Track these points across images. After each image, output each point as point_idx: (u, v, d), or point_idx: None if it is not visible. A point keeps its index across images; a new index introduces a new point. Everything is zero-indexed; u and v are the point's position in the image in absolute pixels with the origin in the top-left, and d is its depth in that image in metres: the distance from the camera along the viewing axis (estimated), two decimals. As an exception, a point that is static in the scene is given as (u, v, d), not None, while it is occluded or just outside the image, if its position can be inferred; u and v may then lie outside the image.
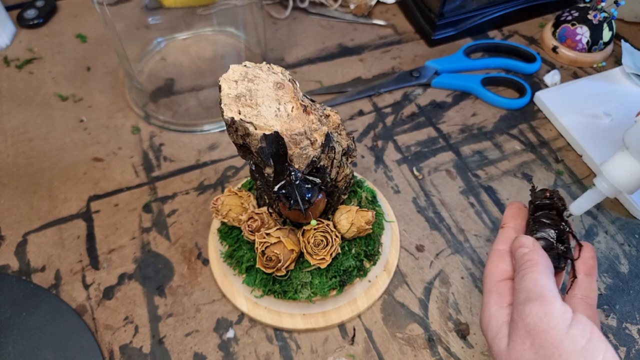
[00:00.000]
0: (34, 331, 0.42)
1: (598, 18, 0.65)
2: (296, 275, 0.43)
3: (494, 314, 0.33)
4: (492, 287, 0.35)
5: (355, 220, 0.42)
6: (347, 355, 0.43)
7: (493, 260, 0.37)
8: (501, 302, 0.34)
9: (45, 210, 0.52)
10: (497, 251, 0.38)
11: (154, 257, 0.48)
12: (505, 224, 0.40)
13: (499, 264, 0.36)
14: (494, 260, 0.37)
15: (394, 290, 0.46)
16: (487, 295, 0.35)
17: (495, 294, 0.35)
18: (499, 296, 0.34)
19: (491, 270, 0.36)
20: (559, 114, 0.60)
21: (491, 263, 0.37)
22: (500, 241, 0.38)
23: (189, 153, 0.57)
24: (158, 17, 0.64)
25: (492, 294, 0.35)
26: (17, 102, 0.62)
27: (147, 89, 0.62)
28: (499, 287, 0.35)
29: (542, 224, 0.38)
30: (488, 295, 0.35)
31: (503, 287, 0.35)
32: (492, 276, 0.36)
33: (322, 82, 0.65)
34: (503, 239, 0.38)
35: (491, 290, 0.35)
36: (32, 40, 0.70)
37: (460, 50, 0.67)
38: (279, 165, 0.35)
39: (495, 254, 0.37)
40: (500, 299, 0.34)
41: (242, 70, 0.35)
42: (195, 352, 0.43)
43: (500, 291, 0.35)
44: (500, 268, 0.36)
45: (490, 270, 0.36)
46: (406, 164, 0.56)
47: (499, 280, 0.35)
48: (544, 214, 0.39)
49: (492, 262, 0.37)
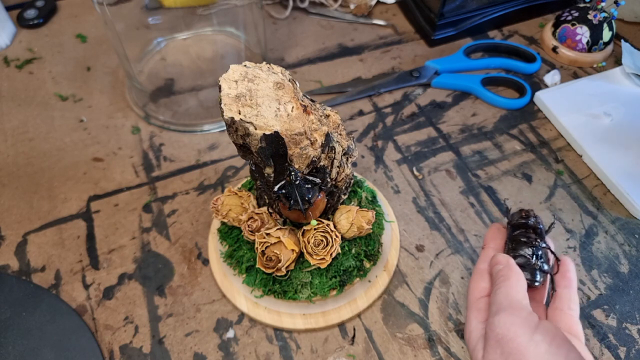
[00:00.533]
0: (34, 331, 0.42)
1: (598, 18, 0.65)
2: (296, 275, 0.43)
3: (473, 329, 0.36)
4: (472, 303, 0.38)
5: (355, 220, 0.42)
6: (347, 355, 0.43)
7: (474, 279, 0.40)
8: (479, 317, 0.37)
9: (45, 210, 0.52)
10: (478, 270, 0.40)
11: (154, 257, 0.48)
12: (486, 244, 0.43)
13: (479, 282, 0.39)
14: (475, 279, 0.40)
15: (394, 290, 0.46)
16: (469, 311, 0.38)
17: (474, 310, 0.37)
18: (477, 312, 0.37)
19: (472, 288, 0.39)
20: (559, 114, 0.60)
21: (472, 282, 0.40)
22: (481, 261, 0.41)
23: (189, 153, 0.57)
24: (158, 17, 0.64)
25: (472, 310, 0.38)
26: (17, 102, 0.62)
27: (147, 89, 0.62)
28: (478, 304, 0.38)
29: (519, 242, 0.41)
30: (469, 312, 0.38)
31: (481, 303, 0.38)
32: (474, 293, 0.39)
33: (322, 82, 0.65)
34: (483, 259, 0.41)
35: (471, 307, 0.38)
36: (32, 40, 0.70)
37: (460, 50, 0.67)
38: (279, 165, 0.35)
39: (477, 273, 0.40)
40: (479, 314, 0.37)
41: (242, 70, 0.35)
42: (195, 352, 0.43)
43: (479, 307, 0.37)
44: (480, 286, 0.39)
45: (472, 288, 0.39)
46: (406, 164, 0.56)
47: (479, 297, 0.38)
48: (520, 233, 0.41)
49: (474, 281, 0.40)
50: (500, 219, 0.52)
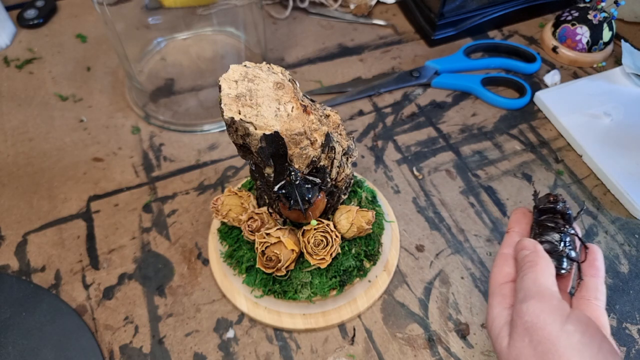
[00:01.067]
0: (34, 331, 0.42)
1: (598, 18, 0.65)
2: (296, 275, 0.43)
3: (496, 315, 0.35)
4: (495, 289, 0.36)
5: (355, 220, 0.42)
6: (347, 355, 0.43)
7: (497, 263, 0.38)
8: (504, 303, 0.35)
9: (45, 210, 0.52)
10: (501, 255, 0.39)
11: (154, 257, 0.48)
12: (510, 229, 0.41)
13: (503, 267, 0.38)
14: (498, 263, 0.38)
15: (394, 290, 0.46)
16: (491, 297, 0.36)
17: (498, 296, 0.36)
18: (502, 297, 0.36)
19: (495, 273, 0.38)
20: (559, 114, 0.60)
21: (496, 266, 0.38)
22: (505, 245, 0.39)
23: (189, 153, 0.57)
24: (158, 17, 0.64)
25: (495, 296, 0.36)
26: (17, 102, 0.62)
27: (147, 89, 0.62)
28: (502, 289, 0.36)
29: (545, 227, 0.39)
30: (492, 297, 0.36)
31: (506, 289, 0.36)
32: (496, 278, 0.37)
33: (322, 82, 0.65)
34: (508, 244, 0.39)
35: (495, 292, 0.36)
36: (32, 40, 0.70)
37: (460, 50, 0.67)
38: (279, 165, 0.35)
39: (500, 257, 0.39)
40: (503, 300, 0.35)
41: (242, 70, 0.35)
42: (195, 352, 0.43)
43: (504, 293, 0.36)
44: (504, 271, 0.37)
45: (495, 273, 0.38)
46: (406, 164, 0.56)
47: (503, 283, 0.37)
48: (547, 218, 0.40)
49: (497, 266, 0.38)
50: (500, 219, 0.52)
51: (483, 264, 0.48)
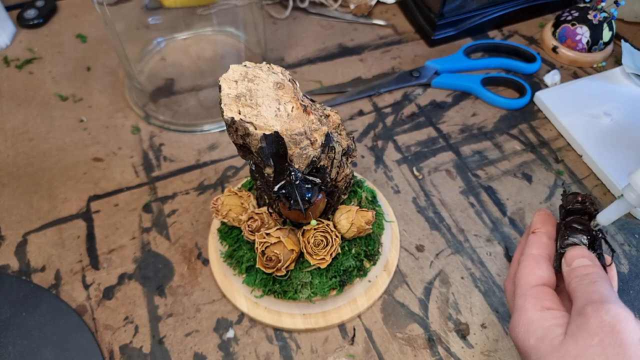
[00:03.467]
0: (34, 331, 0.42)
1: (598, 18, 0.65)
2: (296, 275, 0.43)
3: (534, 317, 0.33)
4: (527, 291, 0.35)
5: (355, 220, 0.42)
6: (347, 355, 0.43)
7: (527, 265, 0.37)
8: (540, 305, 0.34)
9: (45, 210, 0.52)
10: (531, 256, 0.37)
11: (154, 257, 0.48)
12: (537, 229, 0.39)
13: (535, 269, 0.36)
14: (528, 265, 0.37)
15: (394, 290, 0.46)
16: (522, 299, 0.35)
17: (532, 298, 0.34)
18: (536, 300, 0.34)
19: (526, 275, 0.36)
20: (559, 114, 0.60)
21: (525, 268, 0.36)
22: (534, 246, 0.38)
23: (189, 153, 0.57)
24: (158, 17, 0.64)
25: (528, 298, 0.34)
26: (17, 102, 0.62)
27: (147, 89, 0.62)
28: (536, 292, 0.35)
29: (573, 229, 0.37)
30: (523, 299, 0.35)
31: (539, 291, 0.35)
32: (527, 281, 0.36)
33: (322, 82, 0.65)
34: (537, 244, 0.38)
35: (526, 294, 0.35)
36: (32, 40, 0.70)
37: (460, 50, 0.67)
38: (279, 165, 0.35)
39: (530, 258, 0.37)
40: (538, 302, 0.34)
41: (242, 70, 0.35)
42: (195, 352, 0.43)
43: (537, 295, 0.34)
44: (535, 273, 0.36)
45: (525, 274, 0.36)
46: (406, 164, 0.56)
47: (535, 285, 0.35)
48: (575, 219, 0.38)
49: (527, 267, 0.36)
50: (500, 219, 0.52)
51: (483, 264, 0.48)
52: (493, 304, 0.46)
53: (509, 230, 0.51)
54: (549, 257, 0.37)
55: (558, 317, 0.32)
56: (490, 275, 0.47)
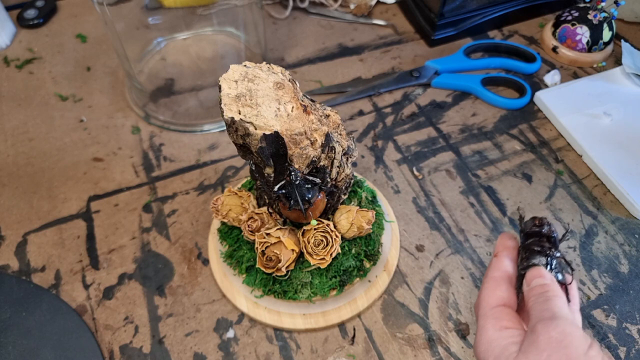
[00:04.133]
0: (34, 331, 0.42)
1: (598, 18, 0.65)
2: (296, 275, 0.43)
3: (493, 337, 0.35)
4: (487, 311, 0.37)
5: (355, 220, 0.42)
6: (347, 355, 0.43)
7: (488, 287, 0.38)
8: (499, 325, 0.35)
9: (45, 210, 0.52)
10: (492, 278, 0.39)
11: (154, 257, 0.48)
12: (498, 252, 0.41)
13: (495, 290, 0.38)
14: (489, 287, 0.38)
15: (394, 290, 0.46)
16: (483, 319, 0.36)
17: (492, 319, 0.36)
18: (495, 320, 0.36)
19: (487, 296, 0.38)
20: (559, 114, 0.60)
21: (486, 290, 0.38)
22: (495, 269, 0.39)
23: (189, 153, 0.57)
24: (158, 17, 0.64)
25: (488, 319, 0.36)
26: (17, 102, 0.62)
27: (147, 89, 0.62)
28: (495, 312, 0.36)
29: (532, 251, 0.39)
30: (484, 320, 0.36)
31: (499, 312, 0.36)
32: (489, 301, 0.37)
33: (322, 82, 0.65)
34: (497, 267, 0.40)
35: (487, 315, 0.36)
36: (32, 40, 0.70)
37: (460, 50, 0.67)
38: (279, 165, 0.35)
39: (491, 281, 0.39)
40: (498, 322, 0.36)
41: (242, 70, 0.35)
42: (195, 352, 0.43)
43: (497, 316, 0.36)
44: (496, 294, 0.38)
45: (487, 296, 0.38)
46: (406, 164, 0.56)
47: (495, 306, 0.37)
48: (534, 241, 0.40)
49: (488, 289, 0.38)
50: (500, 219, 0.52)
51: (483, 264, 0.48)
52: (493, 304, 0.45)
53: (509, 230, 0.51)
54: (510, 279, 0.38)
55: (515, 336, 0.34)
56: (490, 275, 0.47)
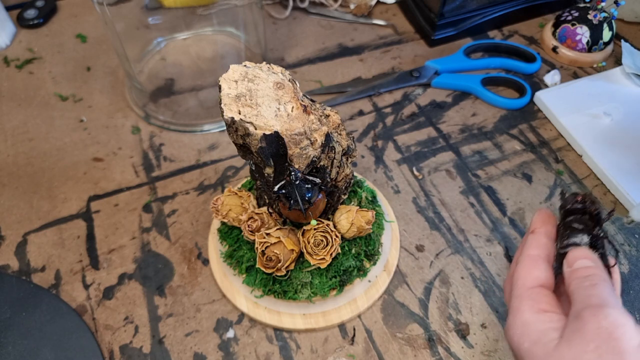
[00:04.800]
0: (34, 331, 0.42)
1: (598, 18, 0.65)
2: (296, 275, 0.43)
3: (530, 320, 0.32)
4: (523, 292, 0.34)
5: (355, 220, 0.42)
6: (347, 355, 0.43)
7: (525, 265, 0.35)
8: (536, 307, 0.33)
9: (45, 210, 0.52)
10: (529, 257, 0.36)
11: (154, 257, 0.48)
12: (536, 229, 0.38)
13: (532, 270, 0.35)
14: (526, 265, 0.35)
15: (394, 290, 0.46)
16: (518, 300, 0.33)
17: (528, 300, 0.33)
18: (533, 302, 0.33)
19: (523, 276, 0.35)
20: (559, 114, 0.60)
21: (523, 268, 0.35)
22: (532, 246, 0.36)
23: (189, 153, 0.57)
24: (158, 17, 0.64)
25: (524, 300, 0.33)
26: (17, 102, 0.62)
27: (147, 89, 0.62)
28: (532, 294, 0.33)
29: (573, 229, 0.36)
30: (519, 301, 0.33)
31: (537, 293, 0.33)
32: (524, 282, 0.34)
33: (322, 82, 0.65)
34: (535, 245, 0.36)
35: (523, 296, 0.33)
36: (32, 40, 0.70)
37: (460, 50, 0.67)
38: (279, 165, 0.35)
39: (528, 259, 0.35)
40: (535, 304, 0.33)
41: (242, 70, 0.35)
42: (195, 352, 0.43)
43: (534, 297, 0.33)
44: (533, 274, 0.34)
45: (522, 276, 0.35)
46: (406, 164, 0.56)
47: (532, 287, 0.34)
48: (575, 218, 0.36)
49: (524, 268, 0.35)
50: (500, 219, 0.52)
51: (483, 264, 0.48)
52: (493, 304, 0.46)
53: (509, 230, 0.51)
54: (548, 258, 0.36)
55: (554, 321, 0.31)
56: (490, 275, 0.47)
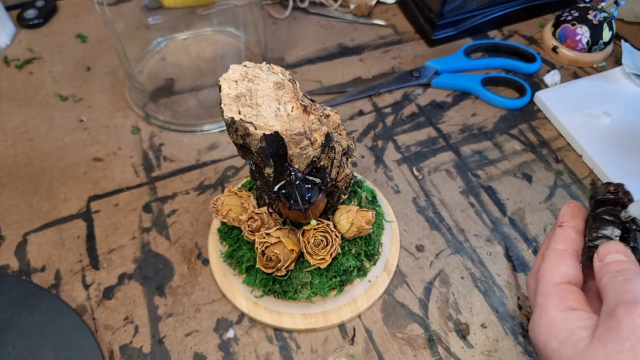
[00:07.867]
0: (34, 331, 0.42)
1: (598, 18, 0.65)
2: (296, 275, 0.43)
3: (557, 318, 0.31)
4: (549, 289, 0.32)
5: (355, 220, 0.42)
6: (347, 355, 0.43)
7: (552, 260, 0.34)
8: (564, 305, 0.31)
9: (45, 210, 0.52)
10: (556, 251, 0.34)
11: (154, 257, 0.48)
12: (564, 222, 0.36)
13: (560, 265, 0.33)
14: (553, 260, 0.34)
15: (394, 290, 0.46)
16: (544, 297, 0.32)
17: (555, 297, 0.32)
18: (560, 299, 0.32)
19: (550, 271, 0.33)
20: (559, 114, 0.60)
21: (549, 264, 0.34)
22: (560, 241, 0.35)
23: (189, 153, 0.57)
24: (158, 17, 0.64)
25: (550, 297, 0.32)
26: (17, 102, 0.62)
27: (147, 89, 0.62)
28: (560, 290, 0.32)
29: (603, 221, 0.34)
30: (545, 298, 0.32)
31: (564, 290, 0.32)
32: (551, 278, 0.33)
33: (322, 82, 0.65)
34: (563, 239, 0.35)
35: (549, 293, 0.32)
36: (32, 40, 0.70)
37: (460, 50, 0.67)
38: (279, 165, 0.35)
39: (555, 253, 0.34)
40: (562, 302, 0.31)
41: (242, 70, 0.35)
42: (195, 352, 0.43)
43: (561, 294, 0.32)
44: (560, 270, 0.33)
45: (549, 271, 0.33)
46: (406, 164, 0.56)
47: (559, 283, 0.33)
48: (606, 210, 0.34)
49: (551, 263, 0.33)
50: (500, 219, 0.52)
51: (483, 264, 0.48)
52: (493, 304, 0.46)
53: (509, 230, 0.51)
54: (577, 254, 0.34)
55: (584, 319, 0.30)
56: (490, 275, 0.47)
